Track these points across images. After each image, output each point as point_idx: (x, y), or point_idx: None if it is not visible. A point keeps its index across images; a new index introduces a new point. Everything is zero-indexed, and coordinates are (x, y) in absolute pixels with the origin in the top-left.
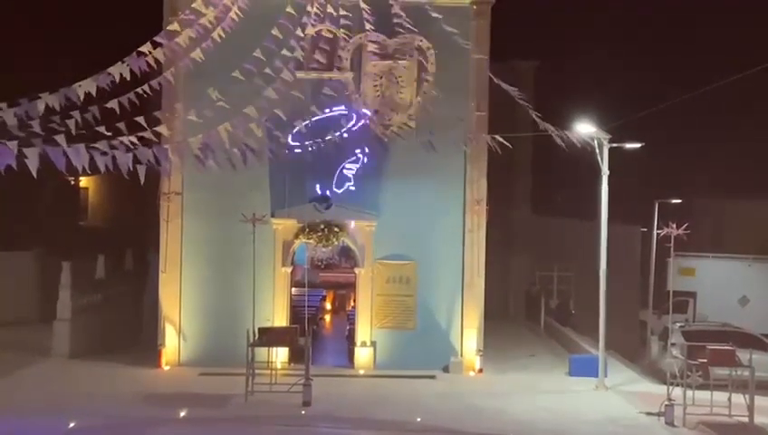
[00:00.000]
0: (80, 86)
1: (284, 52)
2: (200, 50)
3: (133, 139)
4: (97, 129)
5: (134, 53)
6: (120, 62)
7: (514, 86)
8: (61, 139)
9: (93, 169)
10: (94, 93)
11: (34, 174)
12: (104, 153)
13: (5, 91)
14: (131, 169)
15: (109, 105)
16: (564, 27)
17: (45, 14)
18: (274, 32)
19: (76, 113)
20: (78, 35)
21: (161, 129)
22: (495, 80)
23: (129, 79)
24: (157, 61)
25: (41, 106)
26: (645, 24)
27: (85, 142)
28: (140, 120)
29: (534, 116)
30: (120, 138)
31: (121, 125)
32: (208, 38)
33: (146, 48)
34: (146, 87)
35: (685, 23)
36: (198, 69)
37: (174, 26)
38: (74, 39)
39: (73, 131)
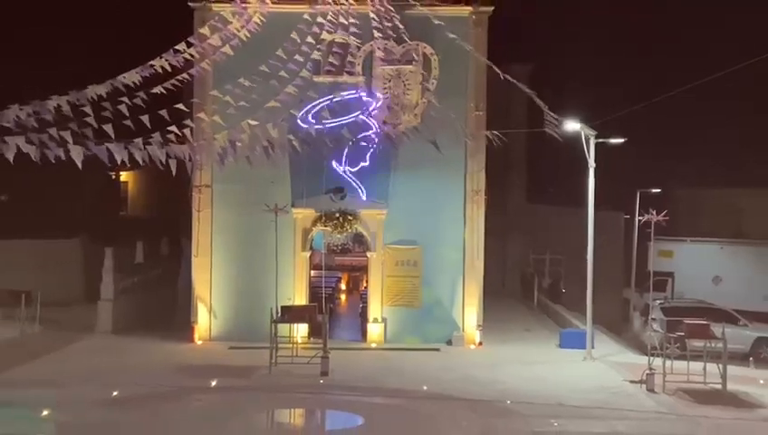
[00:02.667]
0: (124, 77)
1: (299, 56)
2: (226, 51)
3: (166, 135)
4: (133, 120)
5: (171, 49)
6: (159, 57)
7: (511, 88)
8: (108, 128)
9: (132, 163)
10: (138, 83)
11: (80, 165)
12: (143, 148)
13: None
14: (164, 163)
15: (154, 90)
16: (557, 34)
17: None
18: (293, 35)
19: (106, 107)
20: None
21: (189, 128)
22: (506, 77)
23: (169, 70)
24: (188, 60)
25: (89, 95)
26: (629, 30)
27: (125, 138)
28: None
29: (536, 100)
30: (155, 135)
31: (156, 122)
32: (234, 38)
33: (181, 46)
34: (182, 76)
35: (665, 28)
36: (224, 71)
37: (204, 30)
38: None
39: (129, 115)
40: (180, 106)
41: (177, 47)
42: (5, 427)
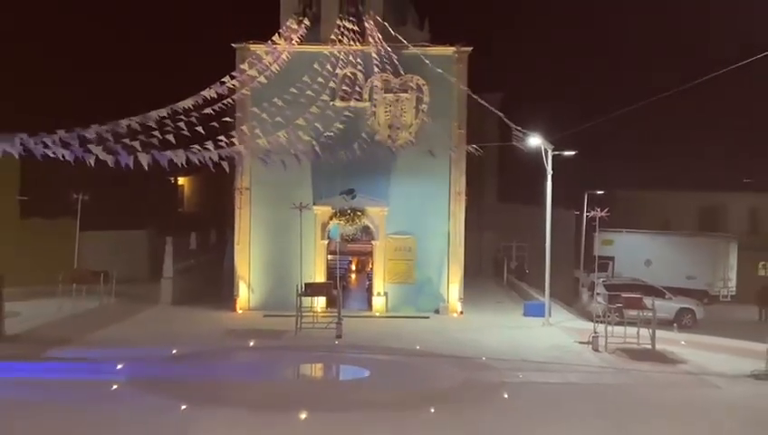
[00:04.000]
0: (182, 103)
1: (322, 79)
2: (261, 80)
3: (216, 144)
4: (189, 131)
5: (218, 82)
6: (208, 88)
7: (486, 110)
8: (169, 137)
9: (188, 168)
10: (192, 107)
11: (146, 168)
12: (200, 150)
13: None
14: (216, 163)
15: (205, 111)
16: (523, 68)
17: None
18: (316, 66)
19: (168, 124)
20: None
21: (236, 138)
22: (480, 101)
23: (215, 96)
24: (232, 89)
25: (154, 116)
26: (579, 64)
27: (183, 146)
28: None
29: (505, 120)
30: (207, 143)
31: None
32: (268, 71)
33: (225, 79)
34: (228, 101)
35: (607, 60)
36: (260, 95)
37: (245, 65)
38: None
39: (186, 128)
40: (227, 119)
41: (223, 79)
42: (93, 374)
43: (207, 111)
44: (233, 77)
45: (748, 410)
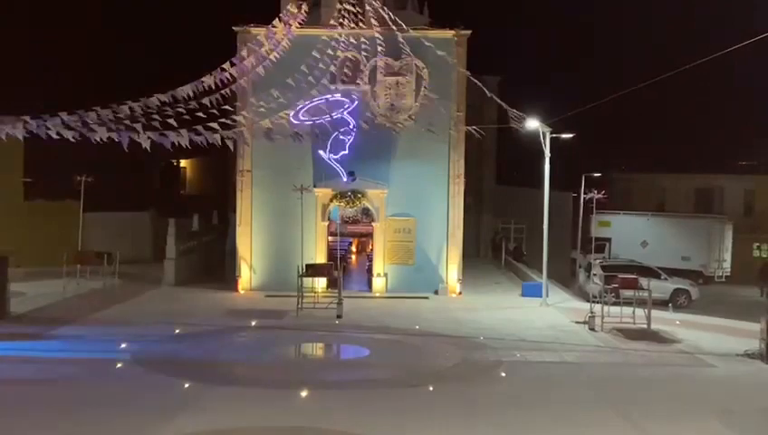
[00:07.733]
0: (182, 89)
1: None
2: (262, 67)
3: (217, 125)
4: (192, 115)
5: (218, 68)
6: (208, 75)
7: (485, 95)
8: (171, 121)
9: (191, 150)
10: (192, 94)
11: (148, 148)
12: (199, 134)
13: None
14: (215, 145)
15: (203, 101)
16: (521, 52)
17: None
18: (316, 48)
19: (168, 110)
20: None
21: (239, 119)
22: (479, 84)
23: (213, 86)
24: (232, 76)
25: (155, 101)
26: (577, 50)
27: (186, 127)
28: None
29: (502, 104)
30: (210, 124)
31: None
32: (267, 60)
33: (225, 66)
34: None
35: (603, 47)
36: (261, 80)
37: (244, 52)
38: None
39: (186, 112)
40: (227, 107)
41: (223, 66)
42: (97, 353)
43: (207, 100)
44: (233, 64)
45: (741, 387)
